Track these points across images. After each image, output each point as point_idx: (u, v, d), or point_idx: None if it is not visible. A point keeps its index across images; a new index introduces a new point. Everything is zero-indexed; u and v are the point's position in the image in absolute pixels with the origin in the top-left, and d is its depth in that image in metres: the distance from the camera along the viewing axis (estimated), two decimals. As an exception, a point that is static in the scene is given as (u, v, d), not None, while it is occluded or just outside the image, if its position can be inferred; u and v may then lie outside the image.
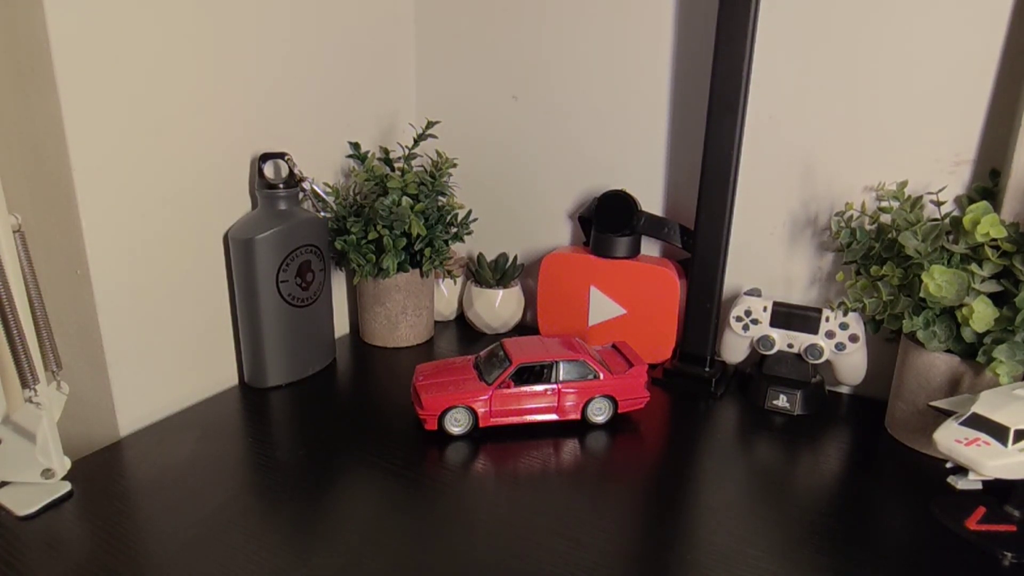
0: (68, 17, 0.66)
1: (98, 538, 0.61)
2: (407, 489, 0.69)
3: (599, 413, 0.82)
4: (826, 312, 0.85)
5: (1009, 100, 0.78)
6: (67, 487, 0.66)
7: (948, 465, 0.64)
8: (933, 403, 0.70)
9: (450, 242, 1.03)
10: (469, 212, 1.05)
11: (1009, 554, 0.61)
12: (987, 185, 0.80)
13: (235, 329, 0.90)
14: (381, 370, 0.97)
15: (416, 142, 1.01)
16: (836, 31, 0.84)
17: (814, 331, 0.86)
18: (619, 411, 0.82)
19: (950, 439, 0.62)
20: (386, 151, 1.02)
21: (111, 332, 0.75)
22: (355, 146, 1.00)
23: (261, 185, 0.87)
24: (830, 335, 0.85)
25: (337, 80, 1.00)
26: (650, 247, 1.02)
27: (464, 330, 1.12)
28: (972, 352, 0.73)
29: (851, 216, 0.84)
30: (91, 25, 0.68)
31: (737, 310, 0.89)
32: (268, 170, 0.88)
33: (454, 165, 1.01)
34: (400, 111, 1.13)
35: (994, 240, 0.71)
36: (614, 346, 0.89)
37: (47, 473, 0.66)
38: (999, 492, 0.66)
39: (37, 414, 0.64)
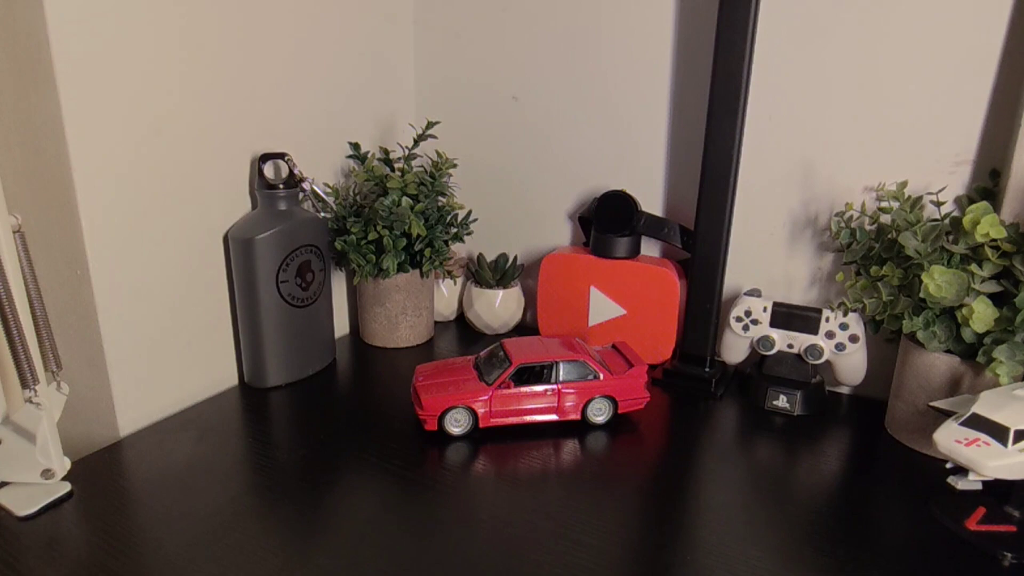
0: (68, 17, 0.66)
1: (98, 538, 0.61)
2: (407, 489, 0.69)
3: (599, 413, 0.82)
4: (826, 312, 0.85)
5: (1009, 100, 0.78)
6: (67, 487, 0.66)
7: (948, 465, 0.64)
8: (933, 403, 0.70)
9: (450, 242, 1.03)
10: (469, 212, 1.05)
11: (1009, 554, 0.61)
12: (987, 185, 0.80)
13: (235, 329, 0.90)
14: (381, 370, 0.97)
15: (416, 142, 1.01)
16: (836, 31, 0.84)
17: (814, 331, 0.86)
18: (619, 411, 0.82)
19: (950, 439, 0.62)
20: (386, 151, 1.02)
21: (111, 332, 0.75)
22: (355, 146, 1.00)
23: (261, 185, 0.87)
24: (830, 335, 0.85)
25: (337, 80, 1.00)
26: (650, 247, 1.02)
27: (464, 330, 1.12)
28: (972, 352, 0.73)
29: (851, 216, 0.84)
30: (91, 25, 0.68)
31: (737, 310, 0.89)
32: (268, 170, 0.88)
33: (454, 165, 1.01)
34: (400, 111, 1.13)
35: (994, 240, 0.71)
36: (614, 346, 0.89)
37: (47, 473, 0.66)
38: (999, 492, 0.66)
39: (37, 414, 0.64)
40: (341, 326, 1.08)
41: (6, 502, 0.64)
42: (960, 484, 0.63)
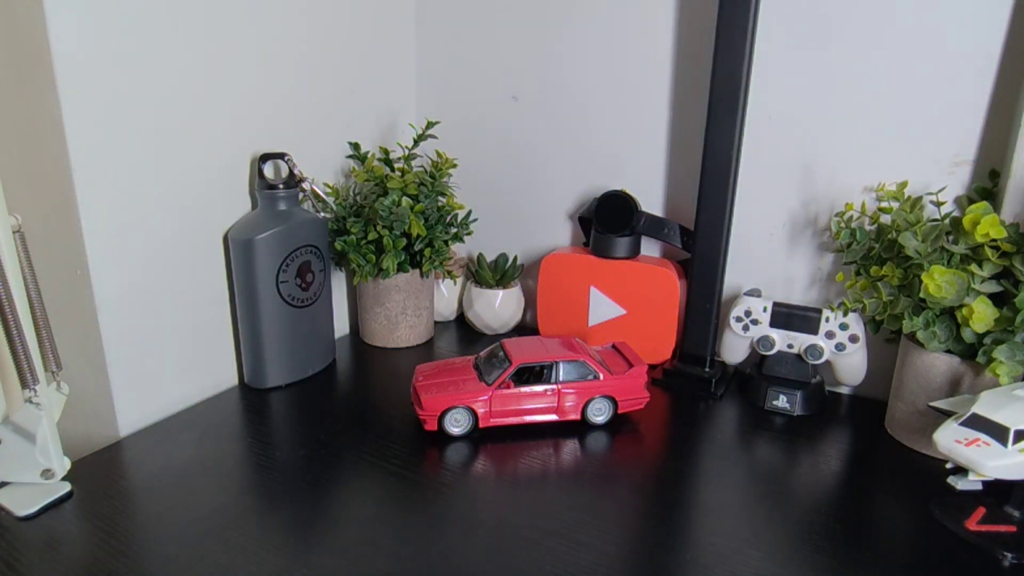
0: (68, 17, 0.66)
1: (98, 538, 0.61)
2: (407, 489, 0.69)
3: (599, 413, 0.82)
4: (826, 312, 0.85)
5: (1009, 100, 0.78)
6: (67, 487, 0.66)
7: (948, 465, 0.64)
8: (933, 403, 0.70)
9: (450, 242, 1.03)
10: (469, 212, 1.05)
11: (1009, 554, 0.61)
12: (987, 185, 0.80)
13: (235, 329, 0.90)
14: (381, 370, 0.97)
15: (416, 142, 1.01)
16: (836, 31, 0.84)
17: (814, 331, 0.86)
18: (619, 411, 0.82)
19: (950, 439, 0.62)
20: (386, 151, 1.02)
21: (111, 332, 0.75)
22: (355, 146, 1.00)
23: (261, 185, 0.87)
24: (830, 335, 0.85)
25: (337, 80, 1.00)
26: (650, 247, 1.02)
27: (464, 330, 1.12)
28: (972, 352, 0.73)
29: (851, 216, 0.84)
30: (91, 25, 0.68)
31: (737, 310, 0.89)
32: (268, 170, 0.88)
33: (454, 165, 1.01)
34: (400, 111, 1.13)
35: (994, 240, 0.71)
36: (614, 346, 0.89)
37: (47, 473, 0.66)
38: (999, 492, 0.66)
39: (37, 414, 0.64)
40: (341, 326, 1.08)
41: (6, 502, 0.64)
42: (960, 484, 0.63)
